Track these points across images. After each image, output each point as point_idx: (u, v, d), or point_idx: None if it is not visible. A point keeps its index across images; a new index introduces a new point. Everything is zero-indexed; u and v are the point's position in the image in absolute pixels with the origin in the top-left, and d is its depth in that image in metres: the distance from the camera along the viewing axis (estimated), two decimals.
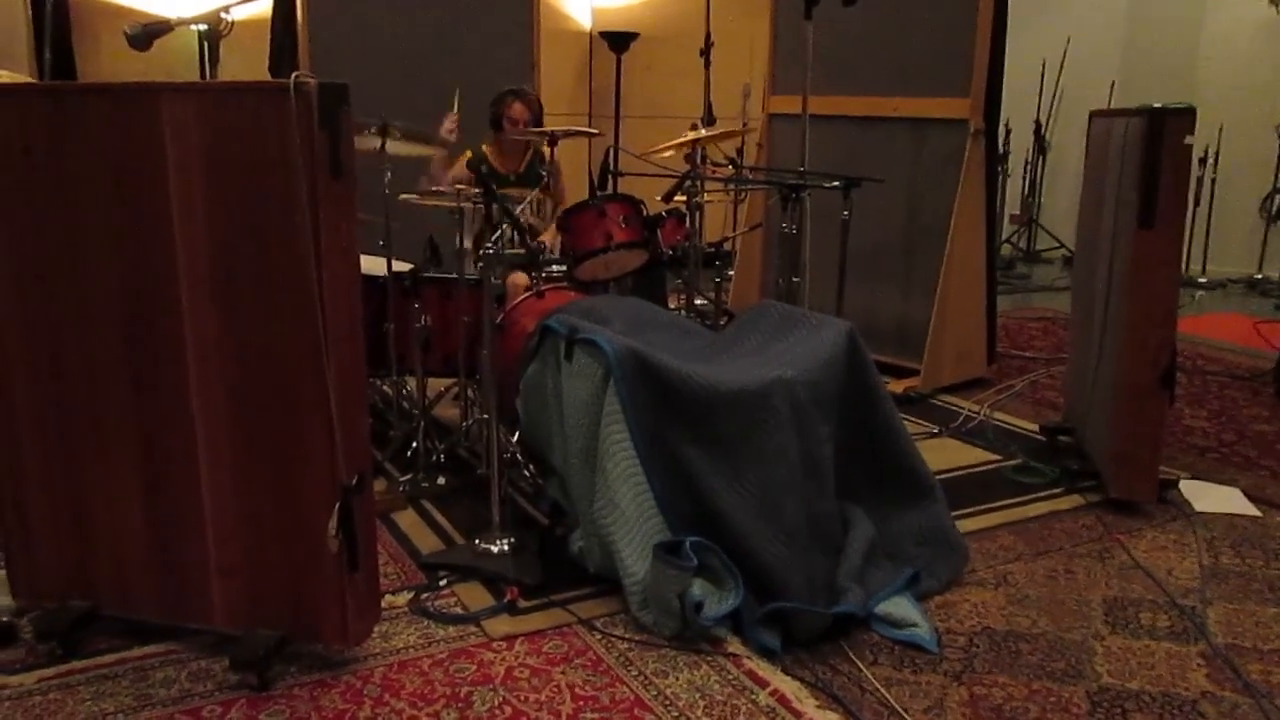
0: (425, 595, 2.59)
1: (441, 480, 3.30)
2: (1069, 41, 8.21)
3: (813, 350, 2.71)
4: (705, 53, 5.63)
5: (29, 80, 4.29)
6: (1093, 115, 3.75)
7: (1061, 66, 8.31)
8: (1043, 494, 3.39)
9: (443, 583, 2.66)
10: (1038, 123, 8.46)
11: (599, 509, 2.52)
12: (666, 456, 2.48)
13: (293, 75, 1.92)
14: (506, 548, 2.76)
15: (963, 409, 4.30)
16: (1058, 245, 8.50)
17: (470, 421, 3.43)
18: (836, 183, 3.53)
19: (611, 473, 2.48)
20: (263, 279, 2.04)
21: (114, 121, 2.04)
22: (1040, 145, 8.55)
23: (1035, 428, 4.02)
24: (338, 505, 2.09)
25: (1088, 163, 3.75)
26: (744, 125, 6.73)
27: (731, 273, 5.28)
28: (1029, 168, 8.53)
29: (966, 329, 4.58)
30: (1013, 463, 3.67)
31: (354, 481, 2.12)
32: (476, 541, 2.81)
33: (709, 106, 5.83)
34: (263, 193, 2.00)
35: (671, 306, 5.00)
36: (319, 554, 2.15)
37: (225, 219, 2.03)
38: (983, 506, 3.26)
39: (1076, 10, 8.34)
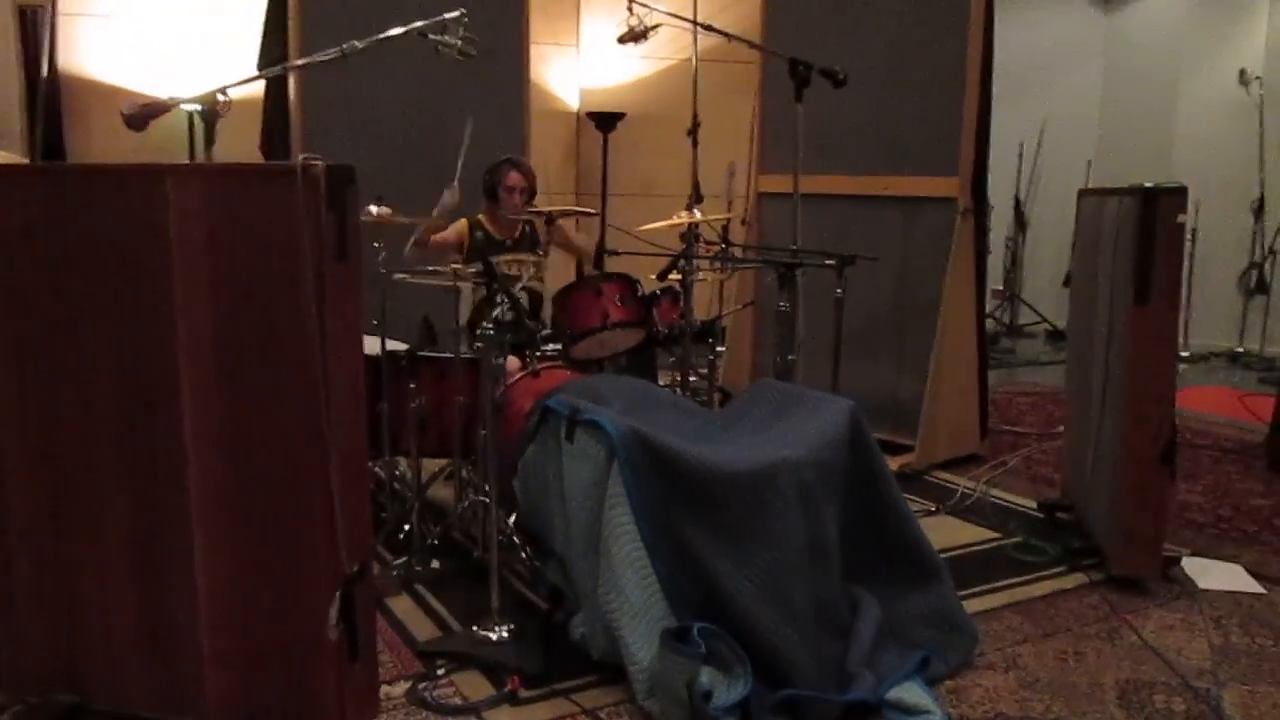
0: (423, 685, 2.51)
1: (436, 564, 3.23)
2: (1045, 123, 8.40)
3: (816, 430, 2.69)
4: (693, 132, 5.69)
5: (23, 161, 4.29)
6: (1082, 194, 3.80)
7: (1039, 146, 8.48)
8: (1046, 572, 3.35)
9: (441, 671, 2.58)
10: (1017, 200, 8.60)
11: (603, 594, 2.46)
12: (671, 540, 2.44)
13: (300, 157, 1.91)
14: (506, 634, 2.69)
15: (958, 485, 4.28)
16: (1039, 320, 8.58)
17: (465, 504, 3.37)
18: (831, 261, 3.54)
19: (616, 556, 2.43)
20: (266, 363, 2.00)
21: (116, 203, 2.02)
22: (1020, 222, 8.68)
23: (1033, 504, 4.00)
24: (338, 594, 2.03)
25: (1078, 240, 3.79)
26: (729, 205, 6.82)
27: (721, 349, 5.28)
28: (1010, 244, 8.64)
29: (959, 405, 4.58)
30: (1013, 540, 3.63)
31: (355, 570, 2.07)
32: (475, 628, 2.73)
33: (696, 185, 5.88)
34: (268, 276, 1.97)
35: (663, 383, 4.99)
36: (317, 643, 2.08)
37: (229, 302, 2.00)
38: (986, 586, 3.21)
39: (1053, 93, 8.54)
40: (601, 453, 2.49)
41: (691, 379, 4.40)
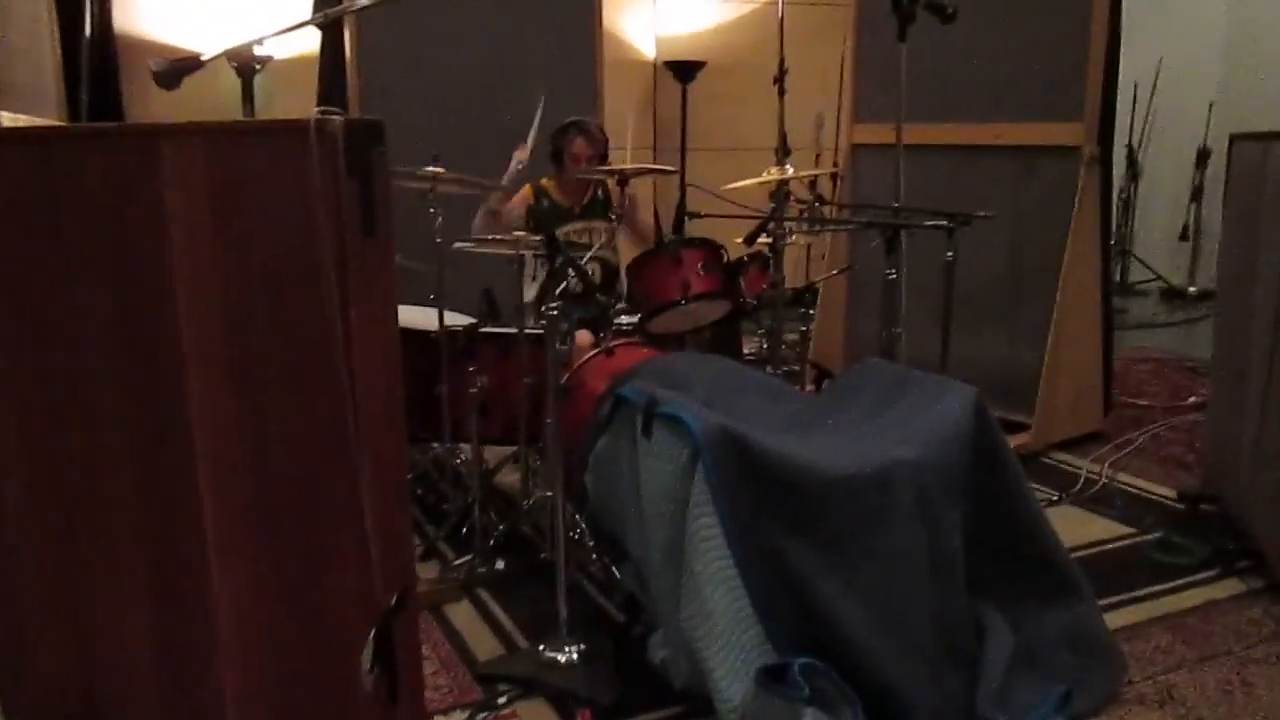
0: (483, 716, 2.20)
1: (501, 564, 2.93)
2: (1161, 61, 7.72)
3: (934, 423, 2.29)
4: (779, 80, 5.23)
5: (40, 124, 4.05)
6: (1237, 139, 3.29)
7: (1154, 88, 7.81)
8: (1194, 578, 2.92)
9: (502, 699, 2.27)
10: (1129, 148, 7.96)
11: (686, 617, 2.11)
12: (766, 555, 2.07)
13: (314, 111, 1.57)
14: (576, 656, 2.37)
15: (1081, 469, 3.83)
16: (1153, 277, 7.96)
17: (531, 500, 3.05)
18: (944, 222, 3.10)
19: (701, 574, 2.08)
20: (285, 359, 1.68)
21: (110, 172, 1.70)
22: (1133, 171, 8.04)
23: (1170, 493, 3.54)
24: (373, 632, 1.72)
25: (1231, 192, 3.29)
26: (817, 158, 6.35)
27: (812, 316, 4.86)
28: (1122, 195, 8.01)
29: (1081, 378, 4.11)
30: (1152, 537, 3.19)
31: (394, 601, 1.75)
32: (541, 648, 2.42)
33: (783, 137, 5.43)
34: (283, 255, 1.64)
35: (748, 352, 4.61)
36: (352, 682, 1.77)
37: (240, 287, 1.68)
38: (1126, 596, 2.80)
39: (1170, 28, 7.82)
40: (684, 452, 2.13)
41: (780, 348, 4.01)
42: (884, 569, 2.09)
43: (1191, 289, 7.83)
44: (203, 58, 2.55)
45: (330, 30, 4.57)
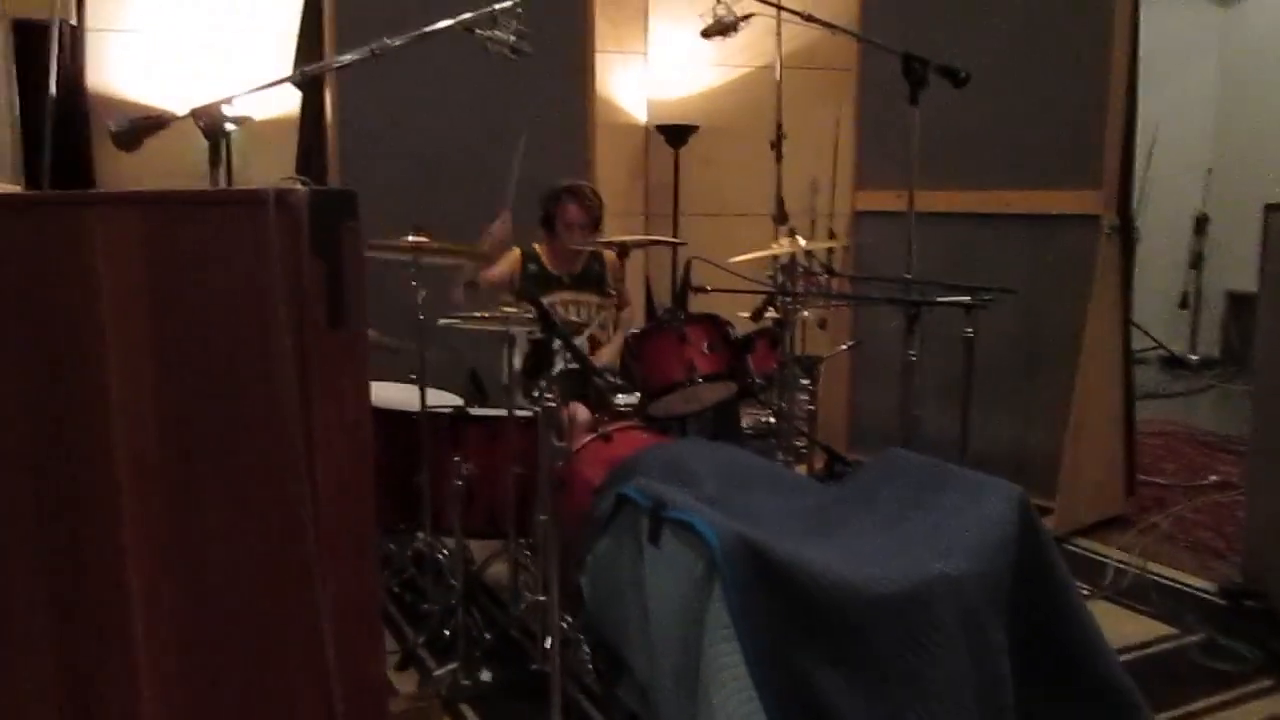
0: None
1: (487, 675, 2.63)
2: (1157, 128, 7.63)
3: (977, 529, 2.04)
4: (776, 145, 5.06)
5: (13, 188, 3.81)
6: (1270, 209, 3.10)
7: (1150, 154, 7.71)
8: (1249, 688, 2.66)
9: None
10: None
11: None
12: (793, 687, 1.80)
13: (277, 180, 1.33)
14: None
15: (1109, 558, 3.57)
16: (1154, 345, 7.78)
17: (523, 605, 2.76)
18: (965, 298, 2.88)
19: (720, 708, 1.80)
20: (232, 471, 1.42)
21: (34, 247, 1.45)
22: (1130, 238, 7.90)
23: (1207, 585, 3.30)
24: None
25: (1269, 269, 3.09)
26: (813, 223, 6.18)
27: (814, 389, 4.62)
28: None
29: (1104, 459, 3.88)
30: (1196, 639, 2.93)
31: None
32: None
33: (780, 203, 5.25)
34: (233, 346, 1.39)
35: (746, 426, 4.36)
36: None
37: (181, 382, 1.42)
38: (1179, 711, 2.53)
39: (1164, 96, 7.74)
40: (698, 566, 1.87)
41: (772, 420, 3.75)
42: (927, 700, 1.82)
43: (1193, 357, 7.67)
44: (165, 117, 2.33)
45: (310, 90, 4.37)
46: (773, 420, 3.73)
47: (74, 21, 4.95)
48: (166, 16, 5.21)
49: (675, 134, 6.26)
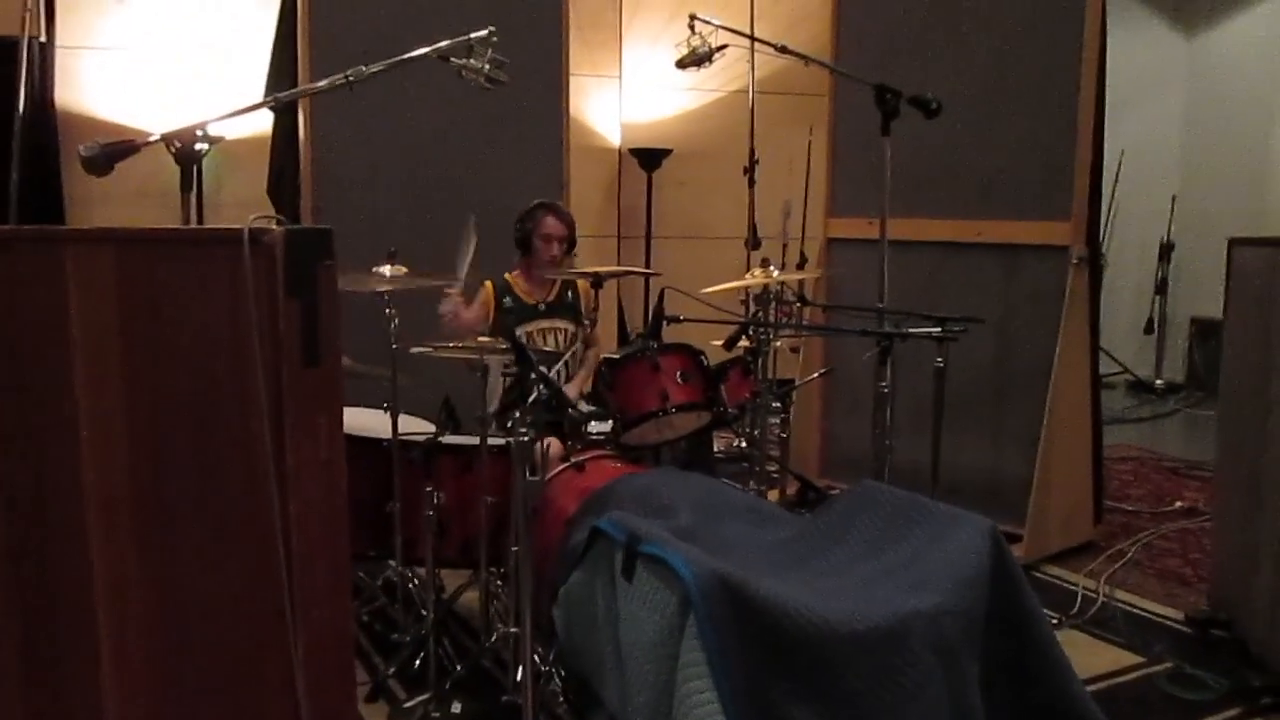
0: None
1: (457, 708, 2.60)
2: (1123, 156, 7.75)
3: (950, 563, 2.05)
4: (750, 170, 5.10)
5: None
6: (1236, 242, 3.15)
7: (1116, 180, 7.82)
8: (1215, 716, 2.67)
9: None
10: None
11: None
12: None
13: (250, 219, 1.32)
14: None
15: (1077, 586, 3.59)
16: (1120, 370, 7.87)
17: (494, 637, 2.74)
18: (936, 330, 2.91)
19: None
20: (204, 511, 1.40)
21: (5, 283, 1.43)
22: (1097, 264, 8.01)
23: (1174, 614, 3.32)
24: None
25: (1234, 300, 3.13)
26: (784, 248, 6.21)
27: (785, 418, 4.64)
28: None
29: (1073, 486, 3.91)
30: (1162, 668, 2.96)
31: None
32: None
33: (753, 227, 5.28)
34: (207, 384, 1.38)
35: (718, 451, 4.37)
36: None
37: (153, 420, 1.41)
38: None
39: (1131, 124, 7.87)
40: (672, 601, 1.87)
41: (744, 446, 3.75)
42: None
43: (1158, 381, 7.76)
44: (136, 142, 2.31)
45: (283, 111, 4.34)
46: (745, 445, 3.74)
47: (43, 39, 4.92)
48: (137, 35, 5.18)
49: (649, 157, 6.30)
